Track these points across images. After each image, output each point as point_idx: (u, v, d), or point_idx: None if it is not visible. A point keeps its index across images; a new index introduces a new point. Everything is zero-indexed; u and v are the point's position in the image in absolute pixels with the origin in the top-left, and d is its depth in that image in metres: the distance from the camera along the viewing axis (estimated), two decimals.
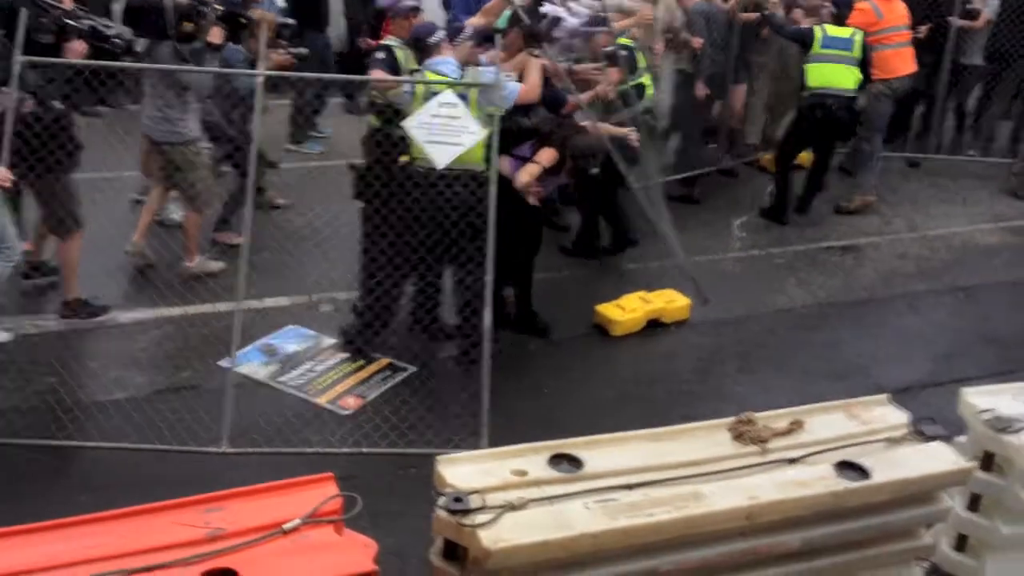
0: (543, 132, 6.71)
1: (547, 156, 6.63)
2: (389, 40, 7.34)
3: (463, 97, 6.04)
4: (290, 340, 6.83)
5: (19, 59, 5.68)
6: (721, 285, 8.24)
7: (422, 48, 6.66)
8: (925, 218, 10.14)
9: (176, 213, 8.18)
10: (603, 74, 8.08)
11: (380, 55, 7.06)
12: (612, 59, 8.15)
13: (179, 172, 7.37)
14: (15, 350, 6.40)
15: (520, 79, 6.63)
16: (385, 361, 6.65)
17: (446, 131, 5.71)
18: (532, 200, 6.70)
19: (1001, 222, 10.18)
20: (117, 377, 6.21)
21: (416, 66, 6.74)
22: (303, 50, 8.37)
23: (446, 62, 6.40)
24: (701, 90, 10.08)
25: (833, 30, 9.55)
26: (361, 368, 6.56)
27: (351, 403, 6.20)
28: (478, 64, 6.64)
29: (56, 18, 6.32)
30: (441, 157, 5.75)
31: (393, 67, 6.96)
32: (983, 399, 4.85)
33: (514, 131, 6.57)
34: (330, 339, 6.86)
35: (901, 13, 10.24)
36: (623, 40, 8.38)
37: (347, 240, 7.28)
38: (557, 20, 7.62)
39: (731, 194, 10.35)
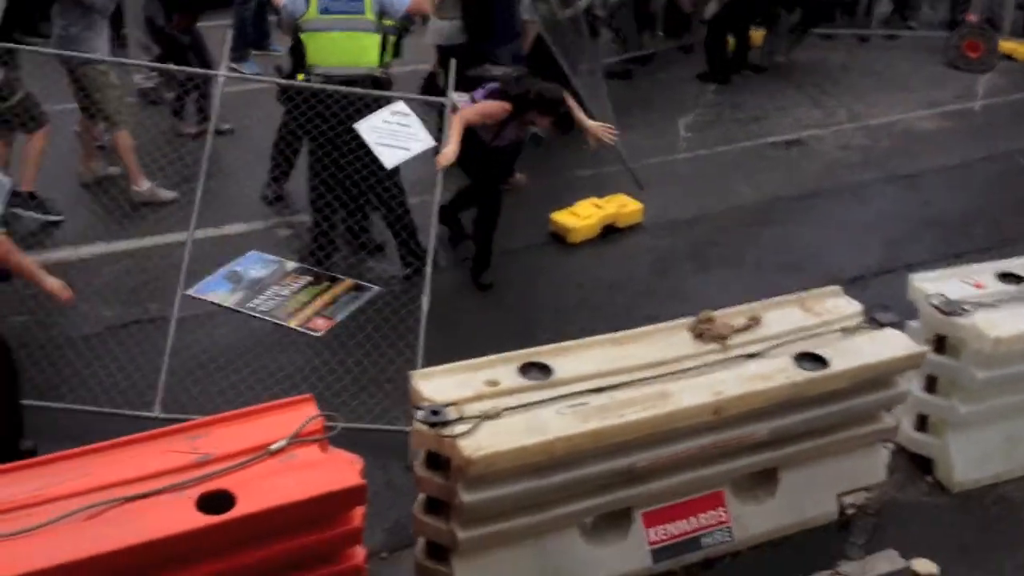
0: (504, 86, 6.49)
1: (491, 108, 6.37)
2: None
3: None
4: (253, 266, 6.84)
5: None
6: (671, 187, 8.36)
7: None
8: (866, 107, 10.27)
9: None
10: None
11: None
12: None
13: (89, 91, 7.30)
14: None
15: None
16: (350, 282, 6.70)
17: (396, 136, 5.87)
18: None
19: (937, 108, 10.34)
20: (85, 312, 6.19)
21: None
22: None
23: None
24: None
25: None
26: (327, 290, 6.62)
27: (321, 325, 6.27)
28: None
29: None
30: (389, 159, 5.90)
31: None
32: (932, 284, 5.05)
33: (484, 79, 6.60)
34: (292, 263, 6.89)
35: None
36: None
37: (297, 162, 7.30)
38: None
39: (675, 94, 10.40)
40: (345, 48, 6.40)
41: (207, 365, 5.77)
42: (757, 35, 11.16)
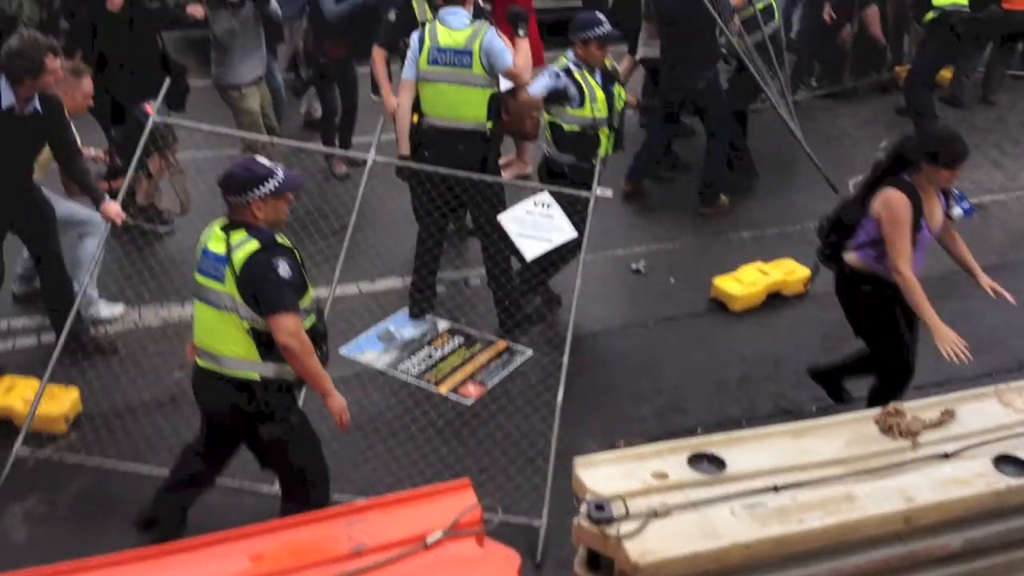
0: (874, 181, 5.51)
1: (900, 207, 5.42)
2: None
3: (468, 52, 6.19)
4: (406, 325, 6.72)
5: None
6: None
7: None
8: None
9: None
10: None
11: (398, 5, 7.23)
12: None
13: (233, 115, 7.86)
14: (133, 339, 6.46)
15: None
16: (503, 344, 6.53)
17: (538, 228, 5.92)
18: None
19: None
20: None
21: (431, 16, 6.66)
22: None
23: (455, 12, 6.29)
24: (828, 13, 10.40)
25: None
26: (479, 352, 6.47)
27: (472, 391, 6.10)
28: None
29: None
30: (530, 251, 5.94)
31: (408, 17, 7.05)
32: None
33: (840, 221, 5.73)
34: (445, 322, 6.76)
35: None
36: None
37: None
38: None
39: (842, 151, 9.94)
40: (451, 101, 6.33)
41: (353, 432, 5.61)
42: (946, 73, 10.79)
